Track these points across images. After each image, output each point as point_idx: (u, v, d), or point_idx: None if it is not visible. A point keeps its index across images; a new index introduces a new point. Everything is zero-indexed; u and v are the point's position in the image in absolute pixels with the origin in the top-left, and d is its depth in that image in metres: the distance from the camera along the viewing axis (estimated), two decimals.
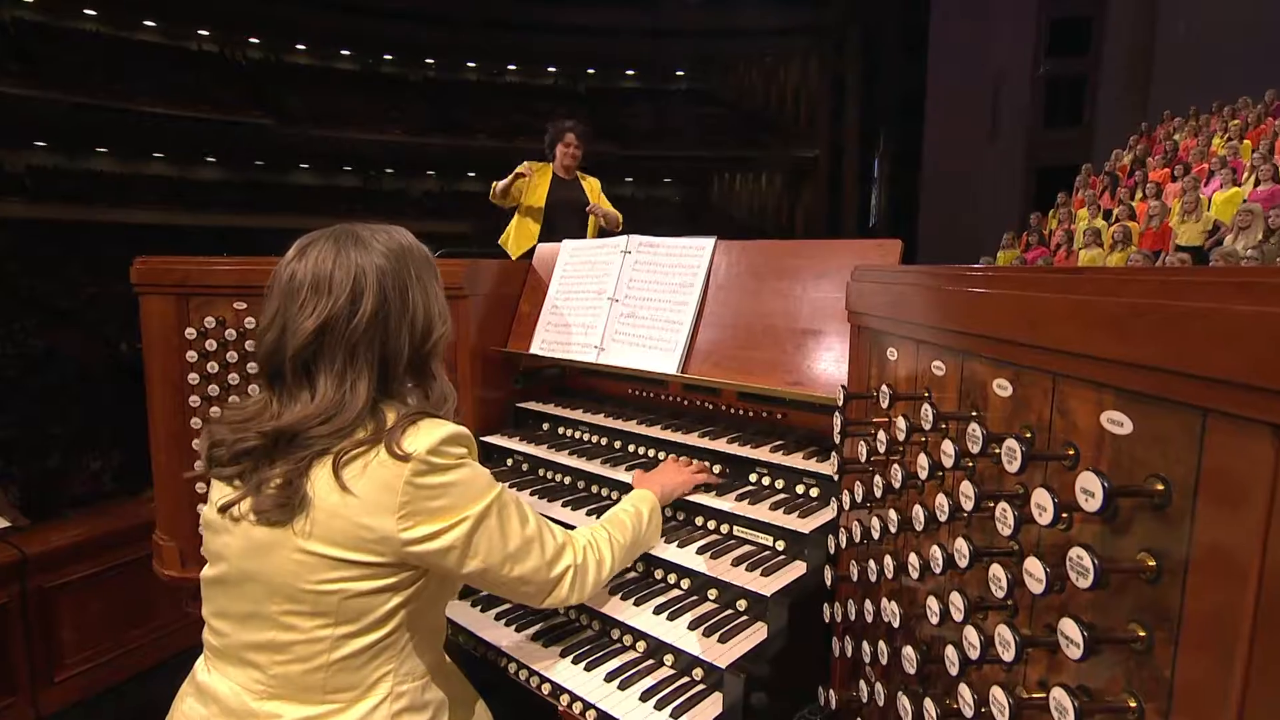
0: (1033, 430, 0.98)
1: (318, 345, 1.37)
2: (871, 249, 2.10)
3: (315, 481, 1.33)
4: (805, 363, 2.14)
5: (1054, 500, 0.83)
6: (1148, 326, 0.74)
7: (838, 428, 1.59)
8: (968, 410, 1.13)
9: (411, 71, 35.48)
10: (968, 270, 1.17)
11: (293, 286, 1.40)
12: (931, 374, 1.27)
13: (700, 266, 2.45)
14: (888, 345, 1.48)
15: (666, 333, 2.44)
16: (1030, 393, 0.99)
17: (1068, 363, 0.88)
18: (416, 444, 1.34)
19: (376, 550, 1.34)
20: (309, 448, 1.34)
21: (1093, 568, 0.77)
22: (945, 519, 1.09)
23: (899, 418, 1.29)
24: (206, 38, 31.96)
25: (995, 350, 1.05)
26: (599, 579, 1.67)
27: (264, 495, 1.35)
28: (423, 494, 1.34)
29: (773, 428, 2.39)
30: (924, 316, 1.27)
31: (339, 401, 1.36)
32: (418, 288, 1.47)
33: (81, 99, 25.47)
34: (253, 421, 1.40)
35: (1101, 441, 0.85)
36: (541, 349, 2.77)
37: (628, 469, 2.38)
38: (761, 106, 36.43)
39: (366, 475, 1.33)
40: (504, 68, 36.72)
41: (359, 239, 1.44)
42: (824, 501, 2.05)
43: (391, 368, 1.43)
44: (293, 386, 1.39)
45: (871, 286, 1.56)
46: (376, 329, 1.40)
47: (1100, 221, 11.12)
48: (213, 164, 31.75)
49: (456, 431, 1.39)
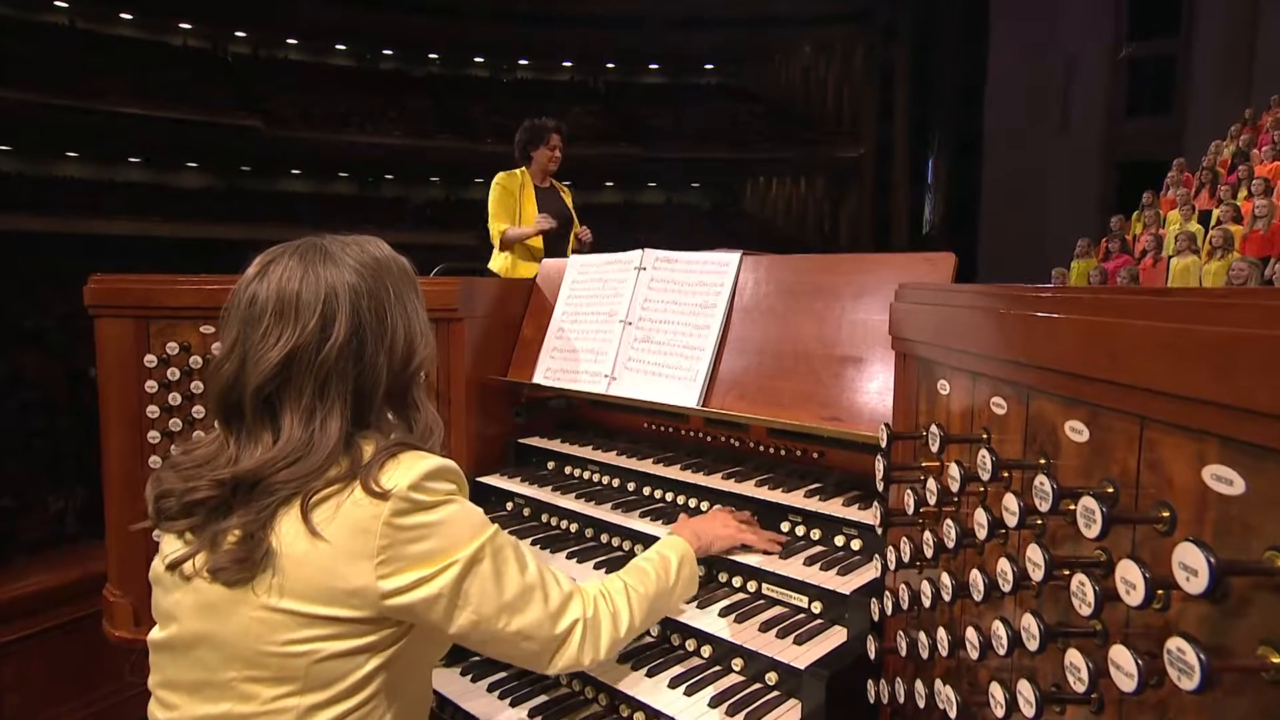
0: (1115, 485, 0.92)
1: (283, 378, 1.34)
2: (919, 264, 2.06)
3: (280, 530, 1.30)
4: (844, 394, 2.09)
5: (1145, 576, 0.77)
6: (1259, 362, 0.67)
7: (880, 473, 1.53)
8: (1034, 457, 1.08)
9: (414, 67, 36.03)
10: (1031, 291, 1.13)
11: (254, 311, 1.36)
12: (990, 412, 1.22)
13: (724, 285, 2.42)
14: (939, 377, 1.43)
15: (686, 360, 2.41)
16: (1111, 438, 0.93)
17: (1158, 404, 0.83)
18: (396, 479, 1.31)
19: (351, 604, 1.29)
20: (272, 495, 1.30)
21: (1198, 665, 0.69)
22: (1009, 589, 1.02)
23: (952, 464, 1.22)
24: (189, 31, 32.62)
25: (1066, 386, 1.00)
26: (616, 637, 1.58)
27: (220, 551, 1.30)
28: (404, 536, 1.30)
29: (808, 469, 2.34)
30: (980, 344, 1.23)
31: (306, 442, 1.32)
32: (397, 306, 1.44)
33: (50, 98, 25.90)
34: (206, 467, 1.36)
35: (1204, 502, 0.78)
36: (546, 378, 2.74)
37: (642, 515, 2.34)
38: (800, 102, 36.60)
39: (339, 517, 1.29)
40: (515, 63, 37.20)
41: (328, 254, 1.41)
42: (867, 556, 2.00)
43: (368, 399, 1.41)
44: (253, 426, 1.35)
45: (919, 309, 1.51)
46: (350, 357, 1.37)
47: (1195, 224, 10.89)
48: (194, 170, 32.31)
49: (442, 465, 1.36)
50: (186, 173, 32.30)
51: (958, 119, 31.02)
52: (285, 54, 34.74)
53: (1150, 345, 0.82)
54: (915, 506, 1.40)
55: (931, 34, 32.34)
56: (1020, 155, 26.93)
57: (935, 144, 33.11)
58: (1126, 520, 0.87)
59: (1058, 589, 0.96)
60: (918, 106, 33.25)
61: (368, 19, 32.93)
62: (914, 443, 1.50)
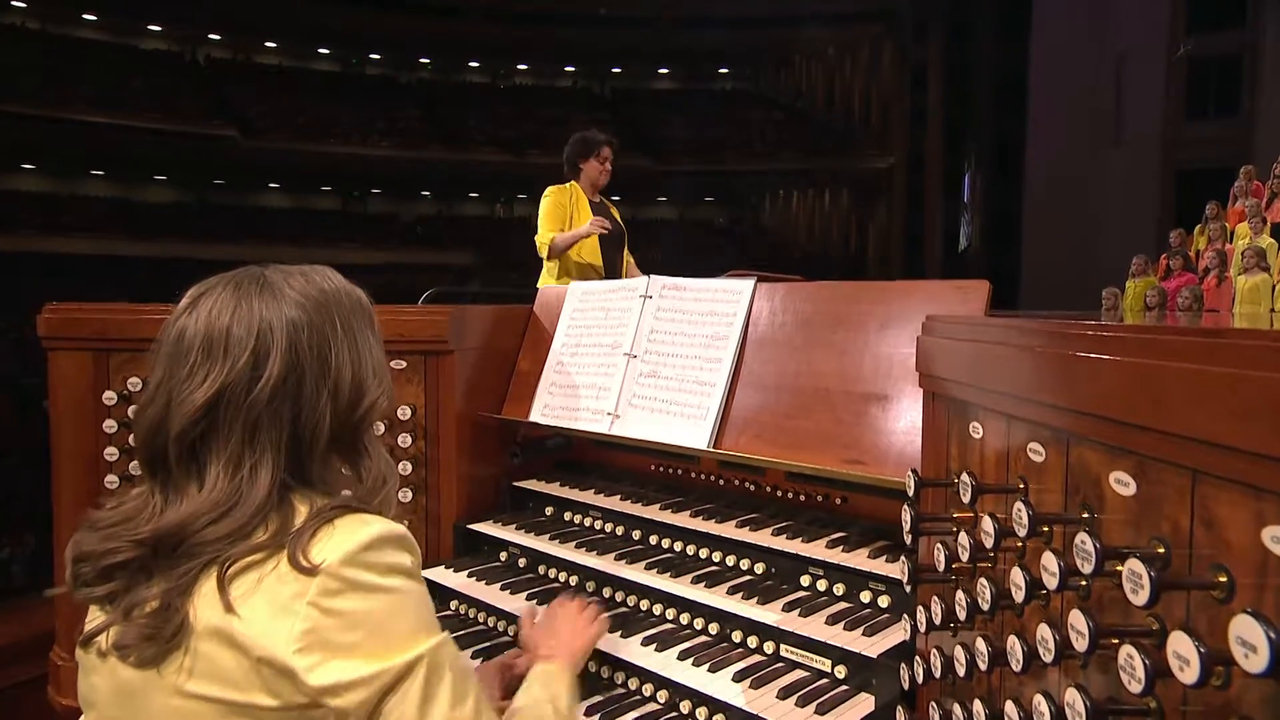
0: (1166, 545, 0.91)
1: (209, 421, 1.31)
2: (949, 293, 2.07)
3: (198, 601, 1.25)
4: (868, 435, 2.10)
5: (1200, 650, 0.75)
6: None
7: (908, 524, 1.52)
8: (1076, 511, 1.08)
9: (403, 72, 36.41)
10: (1069, 327, 1.12)
11: (180, 348, 1.35)
12: (1027, 459, 1.21)
13: (737, 314, 2.44)
14: (971, 418, 1.43)
15: (696, 396, 2.42)
16: (1161, 492, 0.92)
17: (1212, 457, 0.82)
18: (328, 552, 1.25)
19: (274, 691, 1.23)
20: (196, 556, 1.26)
21: None
22: (1051, 659, 1.01)
23: (985, 516, 1.22)
24: (158, 34, 32.97)
25: (1111, 434, 0.99)
26: None
27: (131, 624, 1.26)
28: (331, 623, 1.23)
29: (830, 515, 2.34)
30: (1015, 384, 1.22)
31: (234, 493, 1.28)
32: (344, 342, 1.42)
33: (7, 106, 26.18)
34: (127, 525, 1.32)
35: (1265, 567, 0.77)
36: (544, 416, 2.75)
37: (649, 566, 2.34)
38: (823, 108, 36.77)
39: (260, 592, 1.24)
40: (513, 67, 37.52)
41: (267, 285, 1.40)
42: (895, 614, 1.98)
43: (307, 445, 1.37)
44: (178, 476, 1.32)
45: (948, 344, 1.52)
46: (285, 398, 1.34)
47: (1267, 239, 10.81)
48: (162, 183, 32.63)
49: (385, 532, 1.30)
50: (154, 186, 32.63)
51: (997, 125, 31.08)
52: (263, 58, 35.14)
53: (1201, 393, 0.81)
54: (947, 562, 1.38)
55: (966, 31, 32.47)
56: (1067, 164, 26.88)
57: (972, 153, 33.14)
58: (1178, 586, 0.86)
59: (1107, 659, 0.95)
60: (953, 111, 33.29)
61: (353, 20, 33.17)
62: (945, 491, 1.49)
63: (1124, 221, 24.02)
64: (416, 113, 34.52)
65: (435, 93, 35.87)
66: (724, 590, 2.18)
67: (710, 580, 2.22)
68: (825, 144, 35.47)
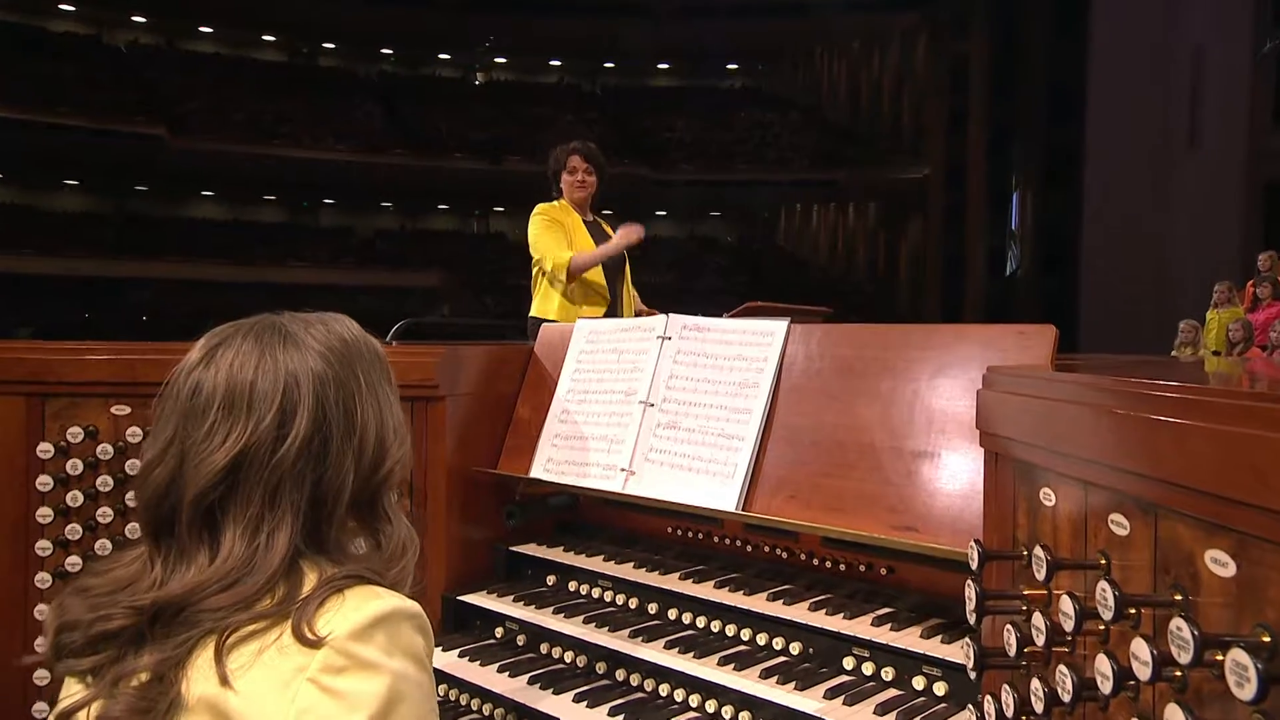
0: (1273, 633, 0.91)
1: (229, 484, 1.36)
2: (1008, 338, 2.11)
3: (192, 673, 1.29)
4: (919, 497, 2.12)
5: None
6: None
7: (972, 601, 1.55)
8: (1167, 592, 1.09)
9: (361, 65, 36.37)
10: (1150, 386, 1.14)
11: (197, 404, 1.40)
12: (1109, 531, 1.23)
13: (769, 359, 2.47)
14: (1041, 483, 1.44)
15: (722, 451, 2.44)
16: (1264, 575, 0.93)
17: None
18: (335, 624, 1.29)
19: None
20: (196, 625, 1.31)
21: None
22: None
23: (1063, 595, 1.25)
24: (70, 14, 32.73)
25: (1203, 507, 1.00)
26: None
27: (119, 696, 1.30)
28: (330, 705, 1.26)
29: (874, 588, 2.36)
30: (1092, 448, 1.24)
31: (248, 560, 1.34)
32: (369, 398, 1.48)
33: None
34: (123, 592, 1.37)
35: None
36: (547, 471, 2.77)
37: (668, 645, 2.35)
38: (846, 110, 36.82)
39: (259, 665, 1.28)
40: (490, 61, 37.47)
41: (288, 335, 1.46)
42: (955, 703, 2.00)
43: (327, 509, 1.42)
44: (187, 542, 1.37)
45: (1011, 399, 1.54)
46: (311, 459, 1.40)
47: None
48: (75, 189, 32.35)
49: (398, 608, 1.35)
50: (64, 193, 32.36)
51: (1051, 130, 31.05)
52: (196, 45, 35.00)
53: None
54: (1019, 646, 1.40)
55: (1014, 22, 32.39)
56: (1132, 175, 26.82)
57: (1020, 162, 33.15)
58: None
59: None
60: (998, 115, 33.24)
61: (303, 4, 33.08)
62: (1012, 564, 1.51)
63: (1201, 242, 23.88)
64: (376, 111, 34.52)
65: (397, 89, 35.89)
66: (756, 673, 2.18)
67: (739, 662, 2.22)
68: (849, 151, 35.47)
